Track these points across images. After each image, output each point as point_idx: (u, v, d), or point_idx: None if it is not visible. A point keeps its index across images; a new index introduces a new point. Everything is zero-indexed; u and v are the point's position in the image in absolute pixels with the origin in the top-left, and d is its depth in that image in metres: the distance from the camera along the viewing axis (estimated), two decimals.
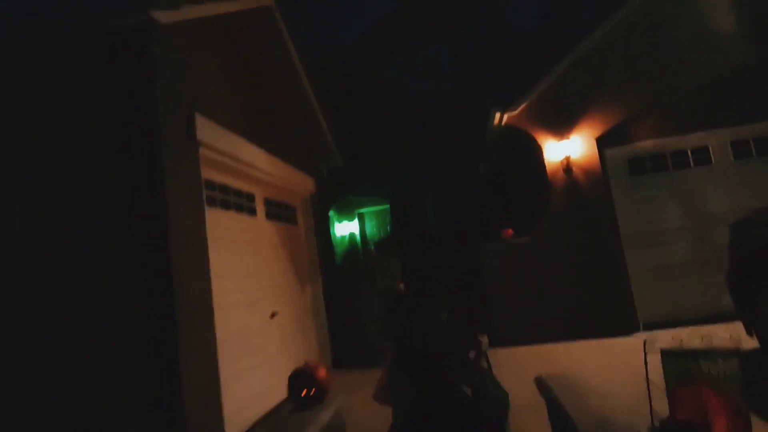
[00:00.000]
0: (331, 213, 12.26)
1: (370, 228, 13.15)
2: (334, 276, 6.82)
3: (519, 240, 6.40)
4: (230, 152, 4.22)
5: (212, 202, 4.14)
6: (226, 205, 4.40)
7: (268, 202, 5.43)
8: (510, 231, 6.49)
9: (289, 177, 5.81)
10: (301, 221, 6.48)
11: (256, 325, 4.66)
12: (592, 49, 6.18)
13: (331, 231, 12.28)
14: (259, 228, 5.11)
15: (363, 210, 12.89)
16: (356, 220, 12.90)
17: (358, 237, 12.90)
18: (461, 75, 11.85)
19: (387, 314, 4.54)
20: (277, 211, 5.71)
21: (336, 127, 7.65)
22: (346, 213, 12.79)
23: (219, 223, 4.20)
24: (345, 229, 12.79)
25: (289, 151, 5.96)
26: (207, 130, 3.84)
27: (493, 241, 6.66)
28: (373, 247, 12.48)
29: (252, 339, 4.53)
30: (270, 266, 5.20)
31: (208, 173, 4.08)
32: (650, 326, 6.09)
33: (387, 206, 11.19)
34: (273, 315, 4.98)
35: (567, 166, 6.29)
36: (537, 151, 6.55)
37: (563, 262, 6.24)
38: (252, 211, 5.00)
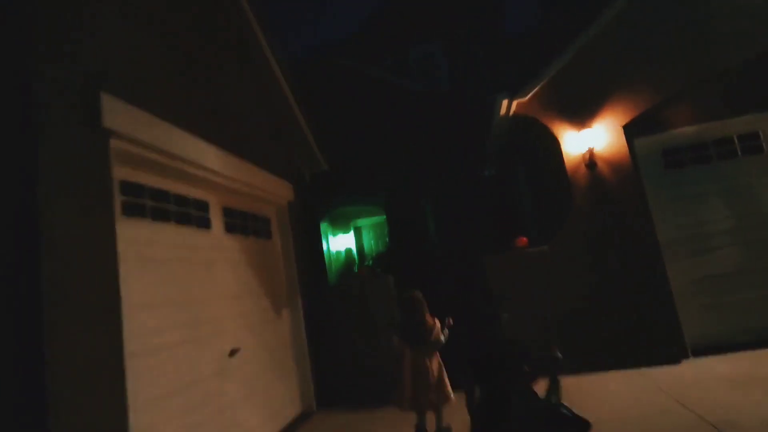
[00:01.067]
0: (324, 225, 11.29)
1: (368, 241, 12.15)
2: (321, 299, 5.80)
3: (535, 250, 5.35)
4: (165, 147, 3.25)
5: (136, 212, 3.16)
6: (160, 216, 3.42)
7: (228, 212, 4.45)
8: (524, 239, 5.46)
9: (259, 182, 4.84)
10: (276, 235, 5.48)
11: (207, 368, 3.64)
12: (616, 18, 5.21)
13: (326, 245, 11.29)
14: (215, 244, 4.12)
15: (359, 222, 11.91)
16: (352, 233, 11.91)
17: (354, 252, 11.89)
18: (458, 74, 10.94)
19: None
20: (243, 223, 4.72)
21: (323, 129, 6.73)
22: (341, 225, 11.81)
23: (147, 239, 3.22)
24: (340, 243, 11.79)
25: (259, 152, 5.00)
26: (122, 116, 2.87)
27: (503, 252, 5.62)
28: (370, 262, 11.48)
29: (201, 386, 3.51)
30: (230, 291, 4.20)
31: (127, 173, 3.10)
32: (700, 351, 5.01)
33: (384, 218, 10.18)
34: (233, 353, 3.96)
35: (590, 160, 5.28)
36: (553, 144, 5.55)
37: (589, 276, 5.18)
38: (204, 223, 4.01)
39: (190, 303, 3.58)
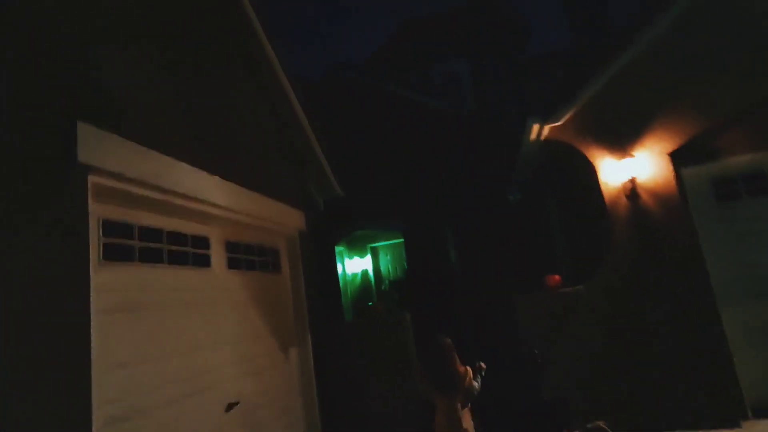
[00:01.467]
0: (340, 248, 10.91)
1: (385, 263, 11.69)
2: (332, 337, 5.35)
3: (570, 290, 4.81)
4: (157, 182, 2.90)
5: (121, 254, 2.80)
6: (151, 257, 3.05)
7: (231, 247, 4.07)
8: (557, 278, 4.92)
9: (267, 212, 4.47)
10: (285, 267, 5.09)
11: (202, 428, 3.22)
12: (662, 35, 4.71)
13: (341, 268, 10.90)
14: (216, 283, 3.73)
15: (377, 244, 11.48)
16: (369, 256, 11.47)
17: (371, 274, 11.44)
18: (484, 94, 10.53)
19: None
20: (248, 258, 4.34)
21: (339, 150, 6.37)
22: (357, 248, 11.40)
23: (135, 284, 2.85)
24: (357, 266, 11.37)
25: (267, 179, 4.65)
26: (103, 148, 2.53)
27: (533, 291, 5.10)
28: (387, 286, 11.00)
29: None
30: (231, 334, 3.79)
31: (110, 212, 2.75)
32: (763, 412, 4.37)
33: (403, 240, 9.72)
34: (230, 407, 3.54)
35: (632, 191, 4.75)
36: (588, 172, 5.04)
37: (632, 321, 4.62)
38: (203, 262, 3.63)
39: (183, 353, 3.18)
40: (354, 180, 9.14)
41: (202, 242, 3.67)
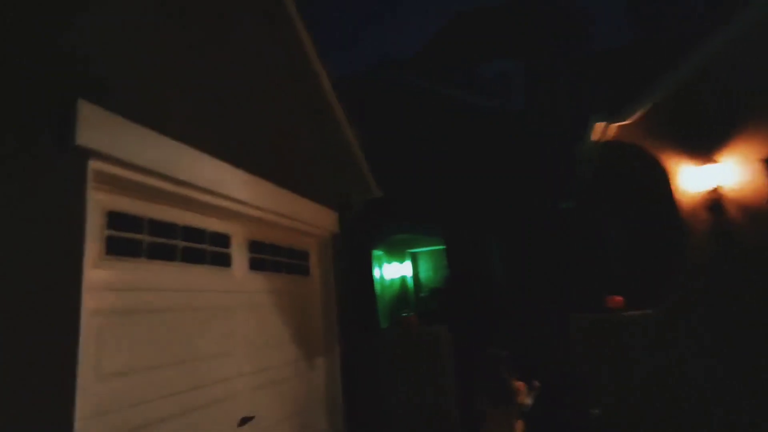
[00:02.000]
0: (378, 253, 10.55)
1: (425, 270, 11.23)
2: (364, 347, 4.98)
3: (636, 314, 4.17)
4: (170, 172, 2.64)
5: (128, 250, 2.54)
6: (162, 254, 2.79)
7: (255, 247, 3.78)
8: (619, 299, 4.29)
9: (297, 211, 4.16)
10: (315, 270, 4.76)
11: None
12: (757, 20, 4.00)
13: (378, 273, 10.54)
14: (234, 284, 3.45)
15: (416, 249, 11.04)
16: (408, 261, 11.06)
17: (410, 281, 11.02)
18: (536, 94, 9.85)
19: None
20: (274, 259, 4.04)
21: (378, 150, 6.02)
22: (396, 253, 11.01)
23: (140, 282, 2.59)
24: (395, 271, 10.99)
25: (298, 176, 4.35)
26: (109, 132, 2.28)
27: (586, 310, 4.49)
28: (426, 293, 10.53)
29: None
30: (250, 339, 3.49)
31: (119, 203, 2.50)
32: None
33: (444, 247, 9.22)
34: (244, 422, 3.23)
35: (715, 201, 4.06)
36: (659, 179, 4.39)
37: (712, 359, 3.92)
38: (221, 261, 3.35)
39: (193, 361, 2.90)
40: (394, 181, 8.75)
41: (222, 240, 3.39)
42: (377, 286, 10.40)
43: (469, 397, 3.83)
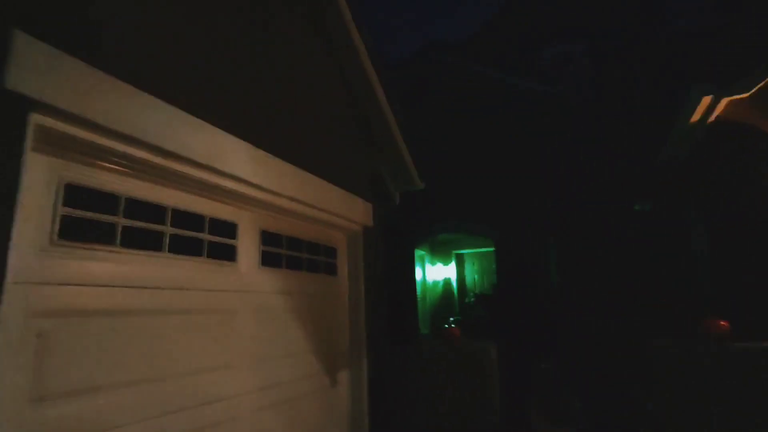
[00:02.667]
0: (422, 253, 9.85)
1: (471, 273, 10.39)
2: (402, 355, 4.32)
3: (754, 346, 3.21)
4: (150, 138, 2.09)
5: (94, 234, 2.02)
6: (142, 242, 2.25)
7: (268, 239, 3.20)
8: (724, 324, 3.35)
9: (322, 199, 3.56)
10: (343, 269, 4.15)
11: None
12: None
13: (420, 273, 9.84)
14: (239, 282, 2.88)
15: (462, 250, 10.22)
16: (453, 263, 10.26)
17: (454, 284, 10.23)
18: (604, 81, 8.75)
19: None
20: (292, 254, 3.46)
21: (423, 139, 5.35)
22: (440, 253, 10.25)
23: (108, 276, 2.06)
24: (439, 273, 10.23)
25: (325, 159, 3.75)
26: (62, 78, 1.75)
27: (682, 337, 3.58)
28: (471, 299, 9.69)
29: None
30: (257, 351, 2.92)
31: (81, 174, 1.98)
32: None
33: (493, 249, 8.37)
34: None
35: None
36: None
37: None
38: (224, 254, 2.80)
39: (181, 375, 2.35)
40: (441, 174, 8.01)
41: (226, 229, 2.83)
42: (418, 290, 9.70)
43: (520, 416, 3.41)
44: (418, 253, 9.78)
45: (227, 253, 2.82)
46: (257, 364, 2.91)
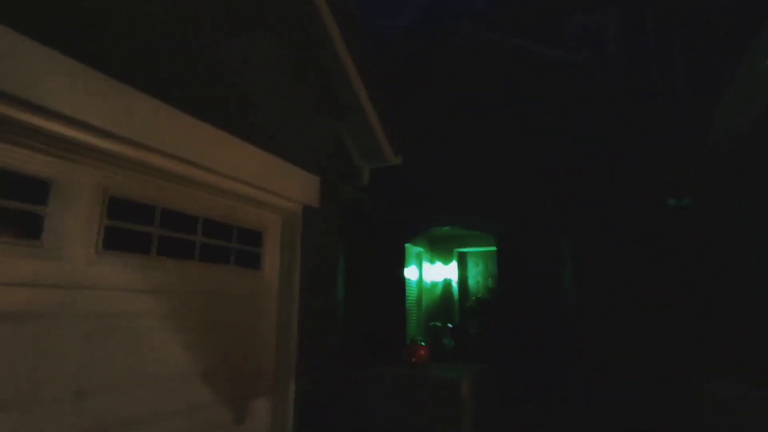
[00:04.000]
0: (419, 250, 8.77)
1: (474, 275, 9.23)
2: (350, 379, 3.28)
3: None
4: None
5: None
6: None
7: (122, 210, 2.19)
8: None
9: (235, 164, 2.55)
10: (272, 263, 3.11)
11: None
12: None
13: (417, 274, 8.76)
14: (62, 277, 1.88)
15: (465, 249, 9.08)
16: (455, 263, 9.13)
17: (455, 286, 9.09)
18: (636, 56, 7.47)
19: None
20: (174, 236, 2.44)
21: (423, 117, 4.27)
22: (440, 251, 9.14)
23: None
24: (438, 273, 9.12)
25: (249, 114, 2.73)
26: None
27: (733, 374, 2.44)
28: (472, 304, 8.56)
29: None
30: (81, 377, 1.92)
31: None
32: None
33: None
34: None
35: None
36: None
37: None
38: (30, 229, 1.81)
39: None
40: (440, 160, 6.93)
41: (33, 191, 1.84)
42: (414, 291, 8.62)
43: None
44: (415, 249, 8.70)
45: (33, 228, 1.83)
46: (79, 398, 1.91)
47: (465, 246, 8.93)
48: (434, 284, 9.11)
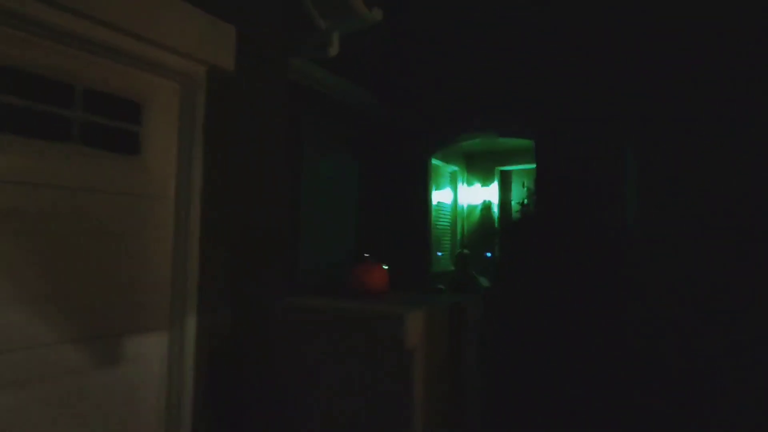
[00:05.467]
0: (453, 168, 7.62)
1: (519, 197, 7.95)
2: (268, 312, 2.45)
3: None
4: None
5: None
6: None
7: None
8: None
9: None
10: (162, 147, 2.20)
11: None
12: None
13: (452, 197, 7.69)
14: None
15: (507, 167, 7.77)
16: (496, 183, 7.88)
17: (496, 210, 7.91)
18: None
19: None
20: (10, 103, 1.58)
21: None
22: (478, 170, 7.92)
23: None
24: (476, 196, 7.96)
25: None
26: None
27: None
28: (510, 226, 7.38)
29: None
30: None
31: None
32: None
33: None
34: None
35: None
36: None
37: None
38: None
39: None
40: (466, 54, 5.52)
41: None
42: (448, 216, 7.59)
43: None
44: (448, 168, 7.54)
45: None
46: None
47: (508, 163, 7.62)
48: (472, 208, 8.00)
